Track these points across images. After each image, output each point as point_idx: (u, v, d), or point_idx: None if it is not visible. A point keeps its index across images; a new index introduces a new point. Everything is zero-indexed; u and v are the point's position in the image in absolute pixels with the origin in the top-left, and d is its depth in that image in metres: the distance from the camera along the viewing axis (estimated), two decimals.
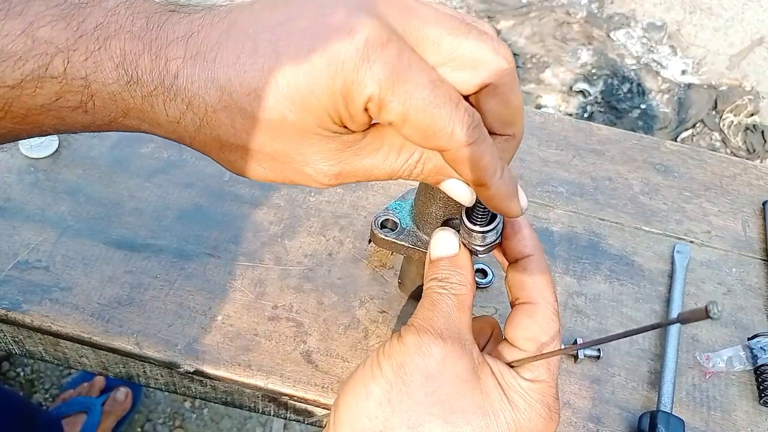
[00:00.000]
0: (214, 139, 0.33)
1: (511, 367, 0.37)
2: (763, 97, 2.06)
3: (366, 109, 0.30)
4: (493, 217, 0.39)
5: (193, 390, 0.55)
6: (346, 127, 0.32)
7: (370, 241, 0.53)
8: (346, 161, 0.33)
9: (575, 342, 0.55)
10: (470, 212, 0.38)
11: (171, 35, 0.31)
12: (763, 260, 0.65)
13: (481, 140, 0.31)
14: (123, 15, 0.31)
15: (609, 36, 2.21)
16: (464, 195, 0.36)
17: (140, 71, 0.31)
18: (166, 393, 1.33)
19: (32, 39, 0.30)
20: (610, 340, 0.32)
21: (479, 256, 0.40)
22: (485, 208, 0.37)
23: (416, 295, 0.55)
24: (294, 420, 0.55)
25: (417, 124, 0.30)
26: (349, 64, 0.29)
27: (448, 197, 0.40)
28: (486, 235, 0.38)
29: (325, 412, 0.52)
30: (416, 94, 0.29)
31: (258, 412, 0.56)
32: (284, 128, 0.31)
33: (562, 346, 0.37)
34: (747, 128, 1.98)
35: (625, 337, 0.31)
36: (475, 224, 0.38)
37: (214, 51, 0.31)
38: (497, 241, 0.39)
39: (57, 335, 0.52)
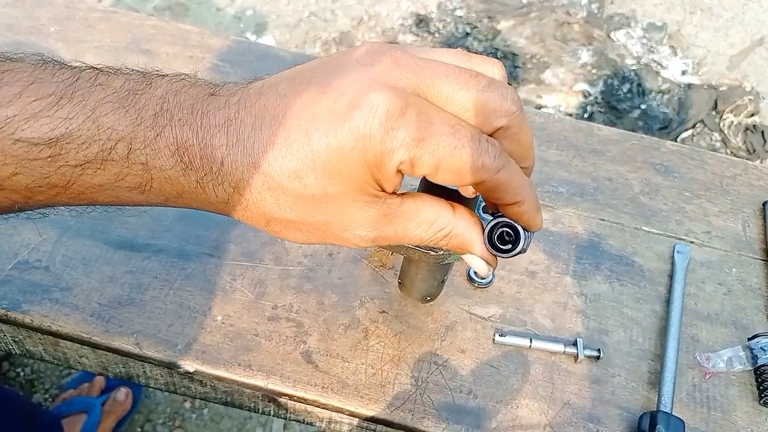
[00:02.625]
0: (261, 215, 0.36)
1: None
2: (763, 98, 2.06)
3: (399, 171, 0.33)
4: (516, 235, 0.38)
5: (193, 390, 0.55)
6: (383, 189, 0.34)
7: None
8: (382, 228, 0.36)
9: (575, 343, 0.55)
10: (494, 244, 0.38)
11: (213, 122, 0.34)
12: (764, 260, 0.65)
13: (508, 164, 0.34)
14: (172, 103, 0.34)
15: (609, 36, 2.21)
16: (481, 269, 0.39)
17: (192, 158, 0.34)
18: (166, 393, 1.33)
19: (96, 125, 0.33)
20: None
21: None
22: (509, 235, 0.38)
23: (417, 296, 0.55)
24: (294, 420, 0.55)
25: (449, 169, 0.32)
26: (375, 137, 0.31)
27: (449, 196, 0.40)
28: (520, 254, 0.38)
29: (326, 412, 0.52)
30: (442, 143, 0.32)
31: (258, 413, 0.56)
32: (325, 200, 0.34)
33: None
34: (747, 128, 1.97)
35: None
36: (503, 251, 0.38)
37: (251, 138, 0.33)
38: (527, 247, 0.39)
39: (57, 335, 0.52)
